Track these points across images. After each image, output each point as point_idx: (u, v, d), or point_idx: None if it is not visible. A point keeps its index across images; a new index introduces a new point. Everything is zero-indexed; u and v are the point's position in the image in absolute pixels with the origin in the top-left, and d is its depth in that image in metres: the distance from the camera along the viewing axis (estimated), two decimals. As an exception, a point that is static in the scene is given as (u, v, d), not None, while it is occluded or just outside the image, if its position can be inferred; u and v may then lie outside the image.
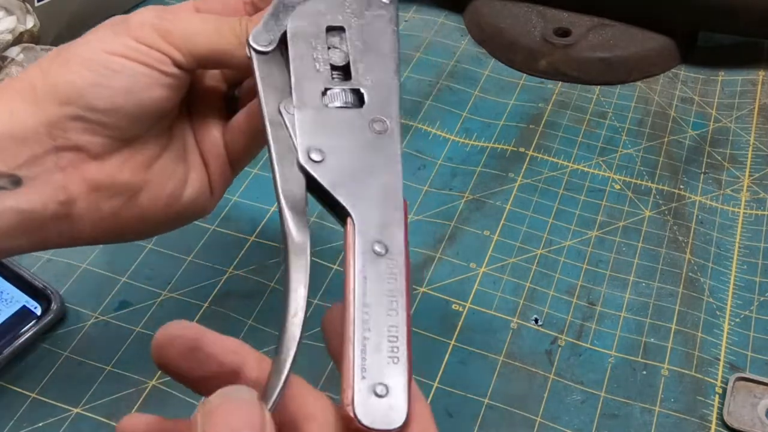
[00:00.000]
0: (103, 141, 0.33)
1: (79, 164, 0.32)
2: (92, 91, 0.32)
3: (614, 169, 0.56)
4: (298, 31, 0.33)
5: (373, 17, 0.34)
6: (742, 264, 0.50)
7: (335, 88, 0.32)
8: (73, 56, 0.32)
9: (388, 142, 0.31)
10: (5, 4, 0.58)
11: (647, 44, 0.64)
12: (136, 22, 0.33)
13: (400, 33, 0.67)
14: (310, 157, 0.30)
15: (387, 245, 0.28)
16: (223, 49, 0.34)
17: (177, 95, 0.34)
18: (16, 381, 0.43)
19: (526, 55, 0.64)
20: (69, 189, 0.32)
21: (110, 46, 0.32)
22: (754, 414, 0.42)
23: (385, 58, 0.33)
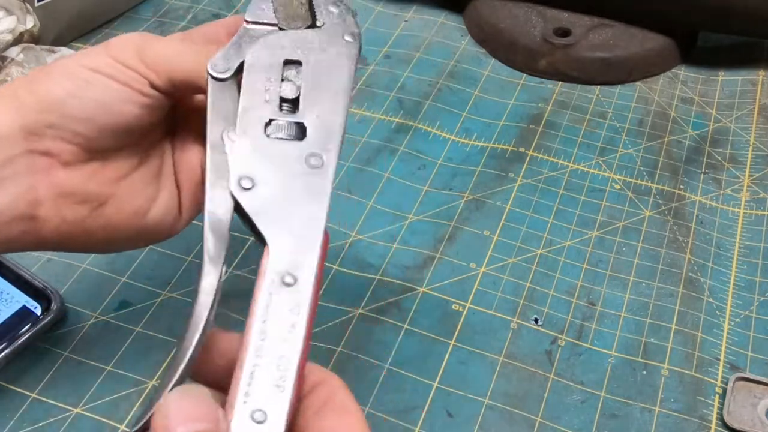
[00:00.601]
0: (75, 150, 0.34)
1: (49, 169, 0.34)
2: (68, 100, 0.33)
3: (614, 169, 0.56)
4: (255, 62, 0.34)
5: (333, 54, 0.35)
6: (742, 264, 0.50)
7: (279, 120, 0.33)
8: (55, 68, 0.34)
9: (320, 177, 0.32)
10: (5, 4, 0.58)
11: (647, 44, 0.64)
12: (118, 43, 0.35)
13: (401, 34, 0.68)
14: (240, 184, 0.31)
15: (297, 277, 0.29)
16: (198, 74, 0.34)
17: (153, 116, 0.35)
18: (16, 381, 0.43)
19: (526, 55, 0.64)
20: (37, 191, 0.33)
21: (90, 62, 0.34)
22: (754, 414, 0.42)
23: (336, 95, 0.34)
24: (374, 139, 0.58)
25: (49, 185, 0.34)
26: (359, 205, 0.53)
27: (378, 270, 0.49)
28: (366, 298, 0.47)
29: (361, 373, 0.44)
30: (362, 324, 0.46)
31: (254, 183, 0.31)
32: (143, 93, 0.34)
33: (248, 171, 0.31)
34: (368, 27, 0.69)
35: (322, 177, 0.32)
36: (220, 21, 0.38)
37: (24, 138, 0.33)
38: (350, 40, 0.35)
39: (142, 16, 0.69)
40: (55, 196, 0.34)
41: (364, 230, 0.51)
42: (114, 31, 0.67)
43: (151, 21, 0.68)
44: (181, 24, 0.68)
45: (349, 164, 0.56)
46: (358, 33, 0.36)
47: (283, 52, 0.34)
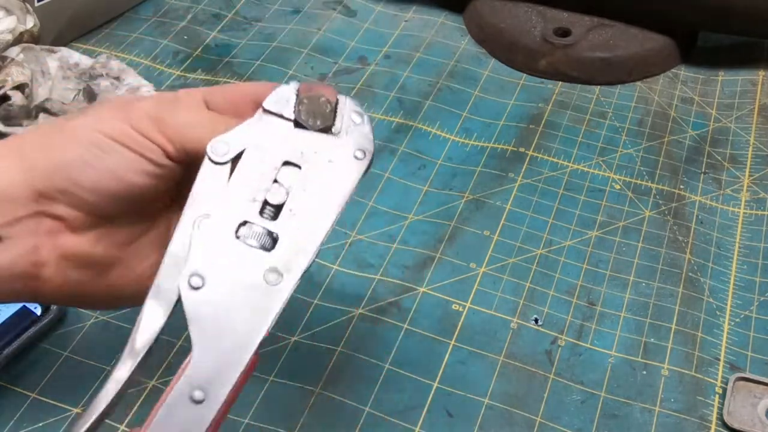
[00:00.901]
0: (83, 216, 0.33)
1: (56, 232, 0.33)
2: (80, 168, 0.32)
3: (614, 169, 0.56)
4: (253, 155, 0.32)
5: (336, 169, 0.33)
6: (742, 264, 0.50)
7: (254, 225, 0.31)
8: (70, 130, 0.33)
9: (272, 296, 0.30)
10: (5, 4, 0.58)
11: (647, 44, 0.64)
12: (136, 109, 0.34)
13: (401, 34, 0.68)
14: (190, 281, 0.30)
15: (207, 393, 0.28)
16: None
17: (165, 185, 0.34)
18: (16, 381, 0.43)
19: (526, 55, 0.64)
20: (41, 253, 0.33)
21: (105, 127, 0.33)
22: (754, 414, 0.42)
23: (321, 215, 0.32)
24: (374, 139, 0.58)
25: (54, 247, 0.33)
26: (359, 205, 0.53)
27: (378, 270, 0.49)
28: (366, 298, 0.47)
29: (361, 373, 0.44)
30: (362, 324, 0.46)
31: (204, 283, 0.30)
32: (157, 163, 0.33)
33: (202, 269, 0.30)
34: (368, 27, 0.69)
35: (273, 298, 0.30)
36: (249, 87, 0.37)
37: (34, 200, 0.32)
38: (360, 157, 0.33)
39: (142, 16, 0.69)
40: (59, 258, 0.33)
41: (364, 230, 0.51)
42: (114, 31, 0.67)
43: (151, 21, 0.68)
44: (181, 24, 0.68)
45: (349, 164, 0.56)
46: (371, 151, 0.34)
47: (285, 152, 0.33)
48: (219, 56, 0.65)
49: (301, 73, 0.64)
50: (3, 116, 0.55)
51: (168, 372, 0.43)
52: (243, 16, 0.69)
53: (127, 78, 0.60)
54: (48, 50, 0.59)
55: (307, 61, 0.65)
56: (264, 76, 0.63)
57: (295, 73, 0.63)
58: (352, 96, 0.36)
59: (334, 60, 0.65)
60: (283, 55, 0.65)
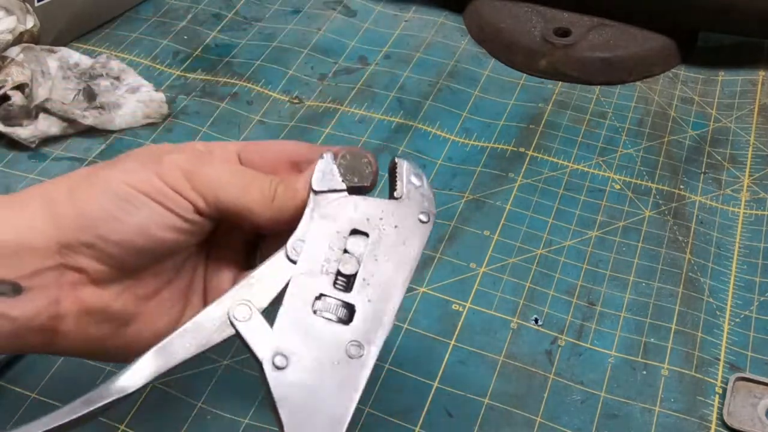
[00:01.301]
0: (107, 269, 0.32)
1: (78, 285, 0.32)
2: (108, 223, 0.32)
3: (614, 169, 0.56)
4: (324, 224, 0.33)
5: (404, 233, 0.33)
6: (742, 264, 0.50)
7: (329, 297, 0.31)
8: (99, 181, 0.32)
9: (356, 369, 0.30)
10: (5, 4, 0.58)
11: (647, 44, 0.64)
12: (169, 162, 0.33)
13: (401, 34, 0.68)
14: (275, 362, 0.30)
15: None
16: (246, 206, 0.33)
17: (193, 239, 0.34)
18: (16, 381, 0.43)
19: (526, 55, 0.64)
20: (62, 306, 0.32)
21: (135, 180, 0.32)
22: (754, 414, 0.42)
23: (394, 280, 0.32)
24: (374, 139, 0.58)
25: (75, 301, 0.32)
26: (359, 205, 0.53)
27: (378, 270, 0.49)
28: (366, 298, 0.47)
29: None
30: (362, 324, 0.46)
31: (288, 362, 0.30)
32: (187, 219, 0.33)
33: (284, 347, 0.30)
34: (368, 27, 0.69)
35: (358, 369, 0.30)
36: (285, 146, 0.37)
37: (58, 252, 0.32)
38: (424, 220, 0.33)
39: (142, 16, 0.69)
40: (79, 312, 0.32)
41: (364, 230, 0.51)
42: (114, 31, 0.67)
43: (151, 21, 0.68)
44: (181, 24, 0.68)
45: (349, 164, 0.56)
46: (434, 212, 0.34)
47: (354, 217, 0.33)
48: (219, 56, 0.65)
49: (301, 73, 0.64)
50: (3, 116, 0.55)
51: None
52: (243, 16, 0.69)
53: (127, 78, 0.60)
54: (48, 50, 0.59)
55: (307, 61, 0.65)
56: (264, 76, 0.63)
57: (295, 73, 0.63)
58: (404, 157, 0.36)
59: (334, 60, 0.65)
60: (283, 55, 0.65)
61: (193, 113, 0.60)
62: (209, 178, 0.33)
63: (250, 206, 0.33)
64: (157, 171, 0.33)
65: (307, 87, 0.63)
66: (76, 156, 0.56)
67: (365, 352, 0.31)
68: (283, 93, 0.62)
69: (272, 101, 0.61)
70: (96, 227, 0.32)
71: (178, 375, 0.43)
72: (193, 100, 0.61)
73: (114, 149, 0.56)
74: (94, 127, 0.57)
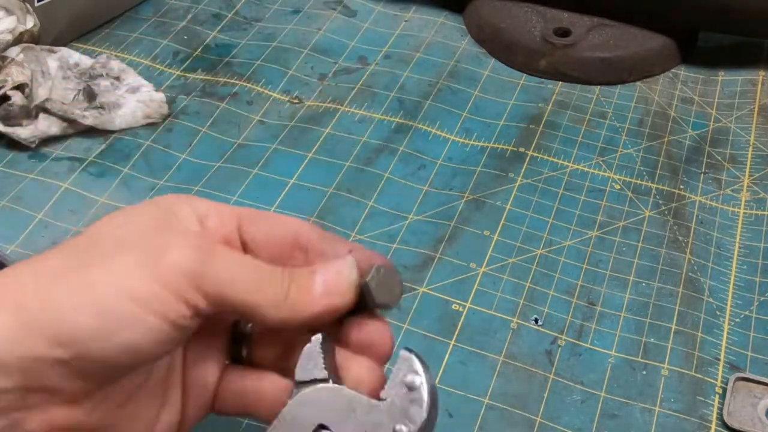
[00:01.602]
0: (81, 386, 0.28)
1: (46, 406, 0.28)
2: (90, 341, 0.27)
3: (614, 169, 0.56)
4: (299, 409, 0.30)
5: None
6: (742, 264, 0.50)
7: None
8: (82, 286, 0.27)
9: None
10: (5, 4, 0.58)
11: (647, 44, 0.64)
12: (169, 265, 0.28)
13: (401, 34, 0.68)
14: None
15: None
16: (254, 305, 0.29)
17: (182, 342, 0.30)
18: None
19: (526, 55, 0.64)
20: (25, 426, 0.27)
21: (129, 289, 0.27)
22: (754, 414, 0.42)
23: None
24: (374, 139, 0.58)
25: (42, 421, 0.28)
26: (359, 205, 0.53)
27: (378, 270, 0.49)
28: (366, 298, 0.47)
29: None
30: (362, 324, 0.46)
31: None
32: (182, 327, 0.28)
33: None
34: (368, 27, 0.69)
35: None
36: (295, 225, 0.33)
37: (21, 370, 0.26)
38: (403, 430, 0.29)
39: (142, 16, 0.69)
40: (47, 431, 0.28)
41: (364, 230, 0.51)
42: (114, 31, 0.67)
43: (151, 21, 0.68)
44: (181, 24, 0.68)
45: (349, 164, 0.56)
46: (424, 421, 0.29)
47: (322, 416, 0.30)
48: (219, 56, 0.65)
49: (301, 73, 0.64)
50: (3, 116, 0.55)
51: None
52: (243, 16, 0.69)
53: (127, 78, 0.60)
54: (48, 50, 0.59)
55: (307, 61, 0.65)
56: (264, 76, 0.63)
57: (295, 73, 0.63)
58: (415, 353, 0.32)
59: (334, 60, 0.65)
60: (283, 55, 0.65)
61: (193, 113, 0.60)
62: (216, 278, 0.29)
63: (260, 306, 0.30)
64: (155, 274, 0.28)
65: (307, 87, 0.63)
66: (76, 156, 0.56)
67: None
68: (283, 93, 0.62)
69: (272, 101, 0.61)
70: (74, 343, 0.27)
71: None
72: (193, 100, 0.61)
73: (114, 149, 0.56)
74: (94, 127, 0.57)
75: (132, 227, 0.30)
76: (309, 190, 0.54)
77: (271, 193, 0.54)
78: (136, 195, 0.53)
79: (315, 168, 0.56)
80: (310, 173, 0.55)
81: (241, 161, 0.56)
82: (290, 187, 0.54)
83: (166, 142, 0.57)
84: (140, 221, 0.30)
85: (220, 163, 0.56)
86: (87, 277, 0.28)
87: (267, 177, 0.55)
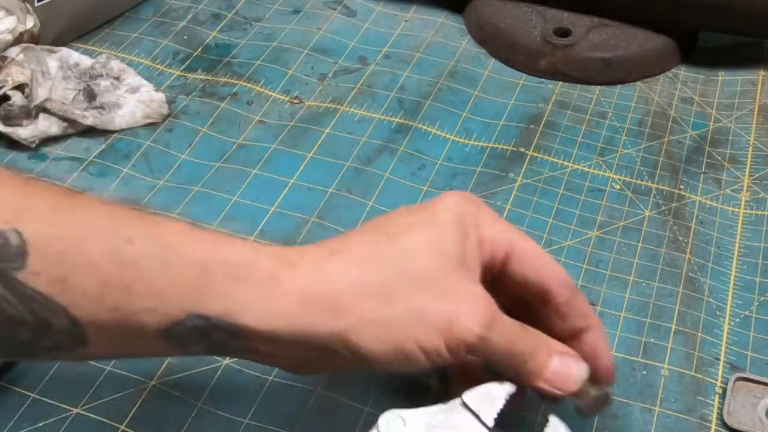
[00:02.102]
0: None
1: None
2: (373, 358, 0.32)
3: (614, 169, 0.56)
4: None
5: None
6: (742, 264, 0.50)
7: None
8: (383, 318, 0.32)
9: None
10: (5, 4, 0.58)
11: (647, 44, 0.64)
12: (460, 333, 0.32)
13: (401, 34, 0.67)
14: None
15: None
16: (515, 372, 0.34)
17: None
18: (16, 381, 0.43)
19: (526, 55, 0.64)
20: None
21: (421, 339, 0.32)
22: (754, 414, 0.42)
23: None
24: (374, 139, 0.58)
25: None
26: (359, 205, 0.53)
27: (378, 270, 0.49)
28: (366, 298, 0.47)
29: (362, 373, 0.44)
30: (362, 324, 0.46)
31: None
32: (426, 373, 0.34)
33: None
34: (368, 27, 0.69)
35: None
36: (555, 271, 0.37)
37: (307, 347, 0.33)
38: None
39: (142, 16, 0.69)
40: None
41: (364, 230, 0.51)
42: (114, 31, 0.67)
43: (151, 21, 0.68)
44: (181, 24, 0.68)
45: (349, 164, 0.56)
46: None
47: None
48: (219, 56, 0.65)
49: (301, 73, 0.64)
50: (3, 116, 0.55)
51: (167, 372, 0.43)
52: (243, 16, 0.69)
53: (127, 78, 0.60)
54: (48, 50, 0.59)
55: (307, 61, 0.65)
56: (264, 76, 0.63)
57: (295, 73, 0.63)
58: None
59: (334, 60, 0.65)
60: (283, 55, 0.65)
61: (193, 113, 0.60)
62: (489, 348, 0.33)
63: (519, 374, 0.34)
64: (445, 338, 0.32)
65: (307, 87, 0.63)
66: (76, 156, 0.56)
67: None
68: (283, 93, 0.62)
69: (272, 101, 0.61)
70: (360, 358, 0.32)
71: (178, 375, 0.43)
72: (193, 100, 0.61)
73: (114, 149, 0.56)
74: (94, 127, 0.57)
75: (431, 257, 0.33)
76: (309, 190, 0.54)
77: (271, 193, 0.54)
78: (136, 195, 0.53)
79: (315, 168, 0.56)
80: (310, 173, 0.55)
81: (241, 161, 0.56)
82: (290, 187, 0.54)
83: (166, 142, 0.57)
84: (441, 246, 0.34)
85: (220, 163, 0.56)
86: (390, 308, 0.32)
87: (267, 177, 0.55)
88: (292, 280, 0.32)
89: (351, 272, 0.33)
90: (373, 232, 0.35)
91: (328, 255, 0.33)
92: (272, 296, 0.32)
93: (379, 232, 0.34)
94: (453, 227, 0.35)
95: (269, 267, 0.32)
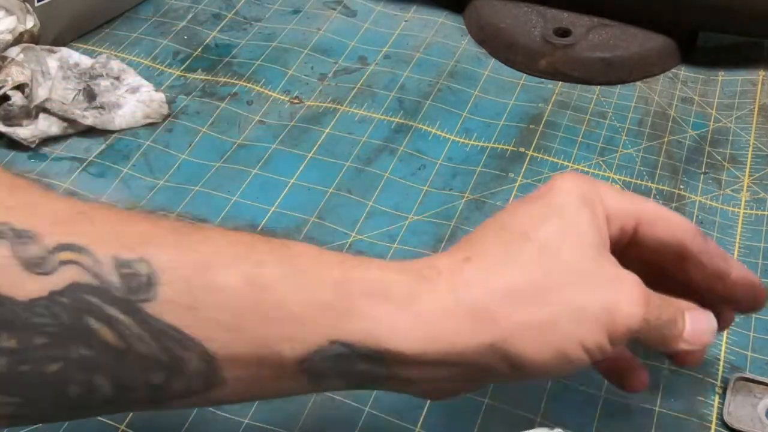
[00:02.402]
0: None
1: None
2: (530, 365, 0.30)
3: (614, 169, 0.56)
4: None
5: None
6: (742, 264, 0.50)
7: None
8: (554, 319, 0.30)
9: None
10: (5, 4, 0.58)
11: (647, 44, 0.64)
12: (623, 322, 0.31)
13: (401, 34, 0.67)
14: None
15: None
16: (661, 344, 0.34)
17: None
18: (16, 381, 0.43)
19: (526, 55, 0.64)
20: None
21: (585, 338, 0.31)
22: (754, 414, 0.42)
23: None
24: (374, 139, 0.58)
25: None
26: (359, 205, 0.53)
27: (378, 270, 0.49)
28: (366, 298, 0.47)
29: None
30: (362, 324, 0.46)
31: None
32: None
33: None
34: (368, 27, 0.69)
35: None
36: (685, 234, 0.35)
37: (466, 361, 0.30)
38: None
39: (142, 16, 0.69)
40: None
41: (364, 230, 0.51)
42: (114, 31, 0.67)
43: (151, 21, 0.68)
44: (181, 24, 0.68)
45: (349, 164, 0.56)
46: None
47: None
48: (219, 56, 0.65)
49: (301, 73, 0.64)
50: (3, 116, 0.55)
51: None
52: (243, 16, 0.69)
53: (127, 78, 0.60)
54: (48, 50, 0.59)
55: (307, 61, 0.65)
56: (264, 76, 0.63)
57: (295, 73, 0.63)
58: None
59: (334, 60, 0.65)
60: (283, 55, 0.65)
61: (193, 113, 0.60)
62: (645, 329, 0.32)
63: (665, 343, 0.34)
64: (608, 331, 0.31)
65: (307, 87, 0.63)
66: (76, 156, 0.56)
67: None
68: (283, 93, 0.62)
69: (272, 101, 0.61)
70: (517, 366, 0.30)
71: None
72: (193, 100, 0.61)
73: (114, 149, 0.56)
74: (94, 127, 0.57)
75: (572, 248, 0.32)
76: (309, 190, 0.54)
77: (271, 193, 0.54)
78: (136, 195, 0.53)
79: (315, 168, 0.56)
80: (310, 173, 0.55)
81: (241, 161, 0.56)
82: (290, 187, 0.54)
83: (166, 142, 0.57)
84: (578, 234, 0.32)
85: (220, 163, 0.56)
86: (545, 308, 0.30)
87: (267, 177, 0.55)
88: (433, 295, 0.30)
89: (494, 277, 0.30)
90: (500, 231, 0.32)
91: (464, 263, 0.31)
92: (415, 315, 0.29)
93: (507, 230, 0.32)
94: (582, 211, 0.32)
95: (406, 284, 0.30)
